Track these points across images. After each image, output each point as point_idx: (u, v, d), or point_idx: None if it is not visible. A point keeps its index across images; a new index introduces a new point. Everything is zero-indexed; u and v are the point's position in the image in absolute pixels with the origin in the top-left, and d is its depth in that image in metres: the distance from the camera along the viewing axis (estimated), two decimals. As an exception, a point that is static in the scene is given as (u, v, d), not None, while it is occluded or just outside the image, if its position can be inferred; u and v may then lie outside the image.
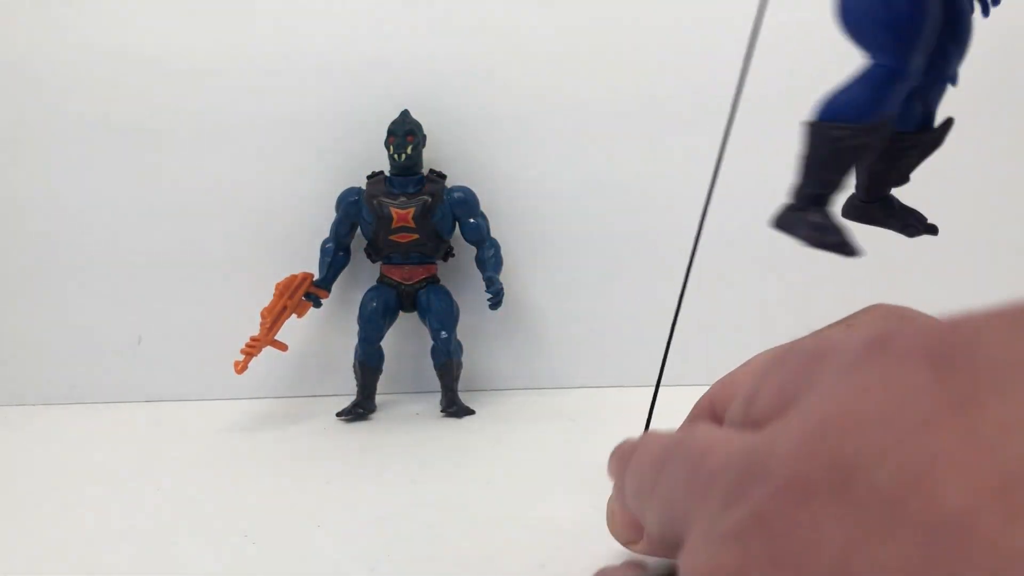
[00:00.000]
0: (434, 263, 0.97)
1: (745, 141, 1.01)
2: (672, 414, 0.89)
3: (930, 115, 0.47)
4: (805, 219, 0.42)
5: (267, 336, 0.91)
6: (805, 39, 0.97)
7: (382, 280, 0.97)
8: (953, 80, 0.44)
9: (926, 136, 0.47)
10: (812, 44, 0.96)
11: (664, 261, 1.01)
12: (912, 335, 0.11)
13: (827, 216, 0.43)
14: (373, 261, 0.98)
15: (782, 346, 0.16)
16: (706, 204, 0.30)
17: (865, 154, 0.41)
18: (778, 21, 0.97)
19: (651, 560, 0.42)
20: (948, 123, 0.47)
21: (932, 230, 0.51)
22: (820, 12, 0.98)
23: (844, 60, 0.49)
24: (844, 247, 0.40)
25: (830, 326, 0.22)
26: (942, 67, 0.44)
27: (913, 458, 0.09)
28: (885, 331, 0.12)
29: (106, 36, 0.99)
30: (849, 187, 0.48)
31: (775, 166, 1.04)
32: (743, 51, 0.95)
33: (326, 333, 1.03)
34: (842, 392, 0.11)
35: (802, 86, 0.97)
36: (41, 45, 0.99)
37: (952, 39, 0.42)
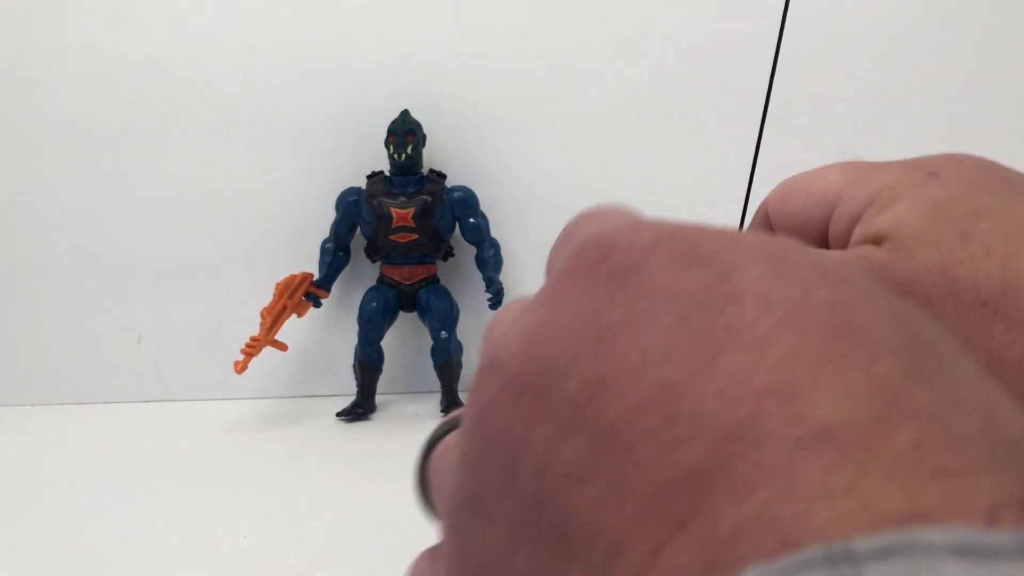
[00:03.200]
0: (434, 263, 0.97)
1: (772, 142, 1.01)
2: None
3: None
4: None
5: (267, 336, 0.91)
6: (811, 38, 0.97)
7: (382, 280, 0.96)
8: None
9: None
10: (814, 43, 0.96)
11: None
12: (599, 250, 0.13)
13: None
14: (373, 261, 0.98)
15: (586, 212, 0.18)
16: (746, 201, 0.30)
17: None
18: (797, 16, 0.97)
19: None
20: None
21: None
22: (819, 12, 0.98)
23: (843, 60, 0.49)
24: None
25: (901, 162, 0.22)
26: None
27: (591, 372, 0.11)
28: (587, 240, 0.13)
29: (106, 39, 0.99)
30: None
31: (778, 168, 1.04)
32: (742, 51, 0.96)
33: (326, 333, 1.03)
34: (551, 298, 0.13)
35: (804, 86, 0.98)
36: (42, 49, 0.99)
37: None
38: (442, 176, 0.96)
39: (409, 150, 0.91)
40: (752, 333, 0.10)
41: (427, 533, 0.59)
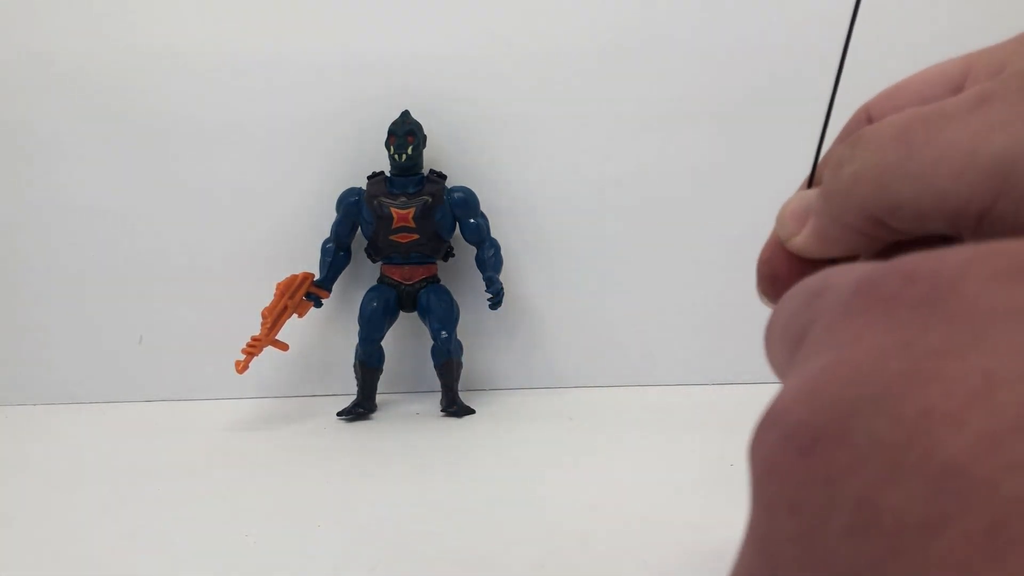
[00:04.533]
0: (434, 263, 0.97)
1: (769, 142, 1.02)
2: (675, 413, 0.90)
3: None
4: None
5: (268, 336, 0.91)
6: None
7: (382, 280, 0.97)
8: None
9: None
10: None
11: (664, 261, 1.01)
12: (897, 280, 0.11)
13: None
14: (373, 261, 0.98)
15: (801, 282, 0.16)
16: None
17: None
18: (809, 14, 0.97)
19: None
20: None
21: None
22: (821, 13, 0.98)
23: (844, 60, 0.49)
24: None
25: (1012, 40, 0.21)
26: None
27: (910, 406, 0.09)
28: (872, 274, 0.12)
29: (107, 39, 0.99)
30: None
31: (784, 169, 1.04)
32: (742, 52, 0.96)
33: (327, 333, 1.03)
34: (837, 339, 0.11)
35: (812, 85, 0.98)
36: (42, 49, 0.99)
37: None
38: (442, 176, 0.96)
39: (409, 151, 0.92)
40: None
41: (427, 533, 0.59)
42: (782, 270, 0.25)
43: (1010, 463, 0.08)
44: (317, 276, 0.96)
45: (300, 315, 0.95)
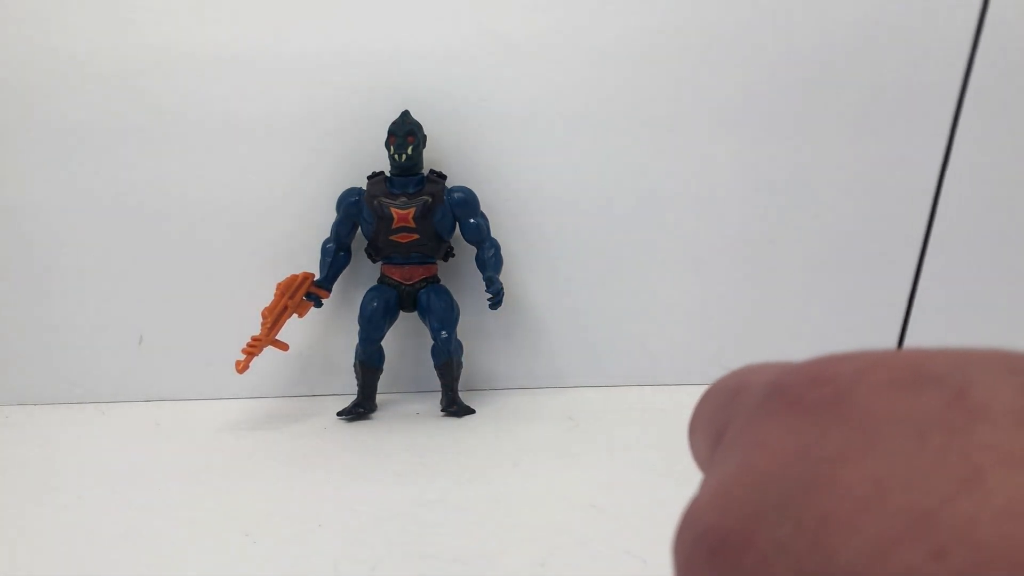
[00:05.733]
0: (434, 263, 0.97)
1: (769, 142, 1.02)
2: (675, 413, 0.89)
3: None
4: None
5: (268, 336, 0.91)
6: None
7: (382, 280, 0.97)
8: None
9: None
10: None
11: (664, 261, 1.01)
12: (803, 382, 0.12)
13: None
14: (374, 261, 0.98)
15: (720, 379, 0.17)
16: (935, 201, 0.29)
17: None
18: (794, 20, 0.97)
19: None
20: None
21: None
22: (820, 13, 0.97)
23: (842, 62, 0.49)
24: None
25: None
26: None
27: (811, 512, 0.10)
28: (781, 377, 0.12)
29: (108, 38, 0.99)
30: None
31: (784, 170, 1.04)
32: (740, 53, 0.96)
33: (327, 333, 1.03)
34: (747, 441, 0.12)
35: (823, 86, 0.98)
36: (43, 49, 0.99)
37: None
38: (442, 176, 0.96)
39: (409, 151, 0.92)
40: (1017, 450, 0.09)
41: (427, 533, 0.59)
42: None
43: (903, 569, 0.08)
44: (317, 276, 0.96)
45: (300, 315, 0.95)
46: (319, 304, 0.96)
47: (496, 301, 0.92)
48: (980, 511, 0.08)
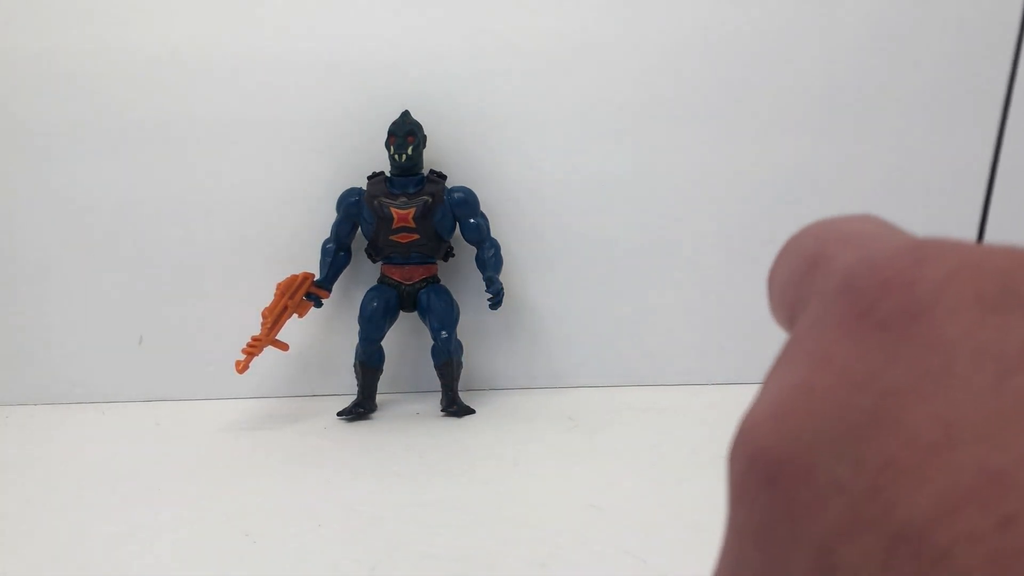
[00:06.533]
0: (434, 263, 0.97)
1: (769, 142, 1.02)
2: (675, 413, 0.90)
3: None
4: None
5: (268, 336, 0.91)
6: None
7: (382, 280, 0.97)
8: None
9: None
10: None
11: (663, 261, 1.01)
12: (875, 287, 0.10)
13: None
14: (374, 261, 0.98)
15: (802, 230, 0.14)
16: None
17: None
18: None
19: None
20: None
21: None
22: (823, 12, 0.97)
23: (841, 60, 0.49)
24: None
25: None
26: None
27: (872, 453, 0.09)
28: (855, 273, 0.11)
29: (108, 39, 0.99)
30: None
31: (783, 170, 1.04)
32: (743, 53, 0.96)
33: (327, 333, 1.03)
34: (810, 352, 0.11)
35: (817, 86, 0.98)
36: (44, 49, 0.99)
37: None
38: (442, 176, 0.96)
39: (410, 151, 0.92)
40: None
41: (427, 533, 0.59)
42: None
43: (966, 533, 0.08)
44: (317, 276, 0.96)
45: (300, 315, 0.95)
46: (319, 304, 0.96)
47: (496, 301, 0.92)
48: None
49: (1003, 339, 0.09)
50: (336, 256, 0.96)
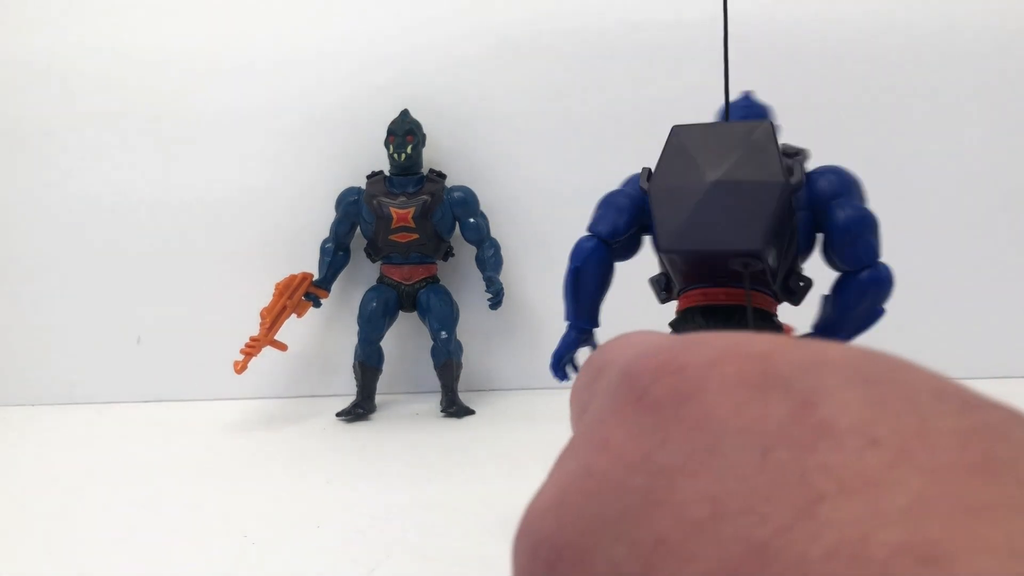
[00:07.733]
0: (434, 263, 0.97)
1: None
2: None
3: None
4: None
5: (267, 336, 0.91)
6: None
7: (382, 280, 0.97)
8: None
9: None
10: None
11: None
12: (648, 375, 0.10)
13: None
14: (373, 261, 0.98)
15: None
16: None
17: None
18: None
19: None
20: None
21: None
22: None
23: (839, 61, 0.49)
24: None
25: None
26: None
27: (644, 533, 0.09)
28: (633, 364, 0.11)
29: (108, 37, 0.99)
30: None
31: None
32: (742, 53, 0.95)
33: (326, 333, 1.03)
34: (589, 441, 0.11)
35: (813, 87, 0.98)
36: (44, 49, 0.99)
37: None
38: (442, 176, 0.96)
39: (409, 150, 0.92)
40: (860, 476, 0.08)
41: (427, 533, 0.59)
42: None
43: None
44: (316, 276, 0.96)
45: (299, 315, 0.95)
46: (318, 304, 0.96)
47: (496, 301, 0.92)
48: (811, 547, 0.08)
49: (765, 417, 0.09)
50: (335, 256, 0.96)
